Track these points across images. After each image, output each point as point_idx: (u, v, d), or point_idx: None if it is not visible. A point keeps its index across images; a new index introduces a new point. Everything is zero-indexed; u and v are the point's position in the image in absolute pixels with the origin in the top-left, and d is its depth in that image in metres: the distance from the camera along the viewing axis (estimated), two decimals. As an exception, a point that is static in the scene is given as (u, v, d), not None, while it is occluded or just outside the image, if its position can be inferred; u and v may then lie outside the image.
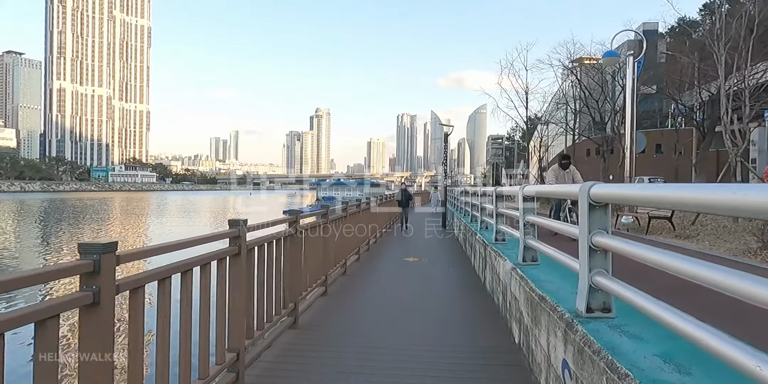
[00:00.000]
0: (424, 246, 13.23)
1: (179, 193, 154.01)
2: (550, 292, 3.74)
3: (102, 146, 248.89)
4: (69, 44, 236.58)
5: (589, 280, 2.89)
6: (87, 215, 44.71)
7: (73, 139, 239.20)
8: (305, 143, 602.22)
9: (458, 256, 11.25)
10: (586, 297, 2.95)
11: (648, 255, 2.20)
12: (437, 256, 11.31)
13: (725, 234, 11.62)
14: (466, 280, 8.25)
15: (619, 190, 2.65)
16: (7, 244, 23.73)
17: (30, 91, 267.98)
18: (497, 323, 5.40)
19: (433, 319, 5.65)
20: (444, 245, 13.51)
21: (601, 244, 2.77)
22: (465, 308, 6.38)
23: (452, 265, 9.78)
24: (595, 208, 2.84)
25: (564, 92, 43.49)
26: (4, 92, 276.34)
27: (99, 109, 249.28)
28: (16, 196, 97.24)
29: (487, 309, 6.11)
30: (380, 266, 9.70)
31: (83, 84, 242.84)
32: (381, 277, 8.67)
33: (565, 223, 4.69)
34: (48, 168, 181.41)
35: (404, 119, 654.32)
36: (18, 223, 36.71)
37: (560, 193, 4.91)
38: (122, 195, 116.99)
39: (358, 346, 4.69)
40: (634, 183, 15.31)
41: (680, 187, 1.92)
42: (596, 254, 2.88)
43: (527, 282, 4.23)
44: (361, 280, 8.17)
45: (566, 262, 3.52)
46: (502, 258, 5.78)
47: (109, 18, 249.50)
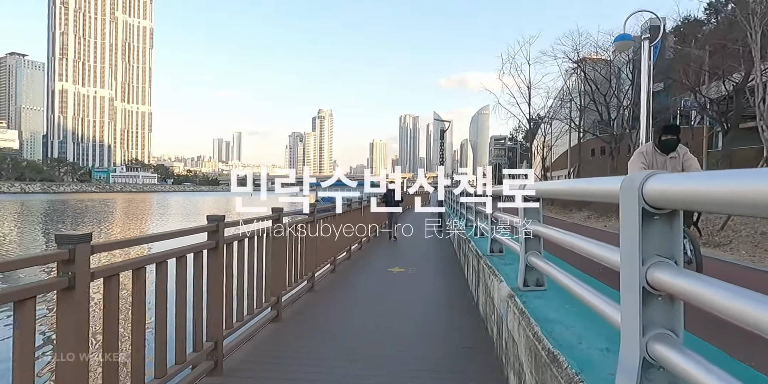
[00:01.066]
0: (415, 251, 12.09)
1: (180, 194, 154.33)
2: (565, 346, 2.47)
3: (104, 147, 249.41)
4: (71, 45, 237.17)
5: (643, 348, 1.61)
6: (84, 216, 44.95)
7: (75, 141, 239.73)
8: (308, 144, 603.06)
9: (452, 265, 9.94)
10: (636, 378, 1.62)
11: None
12: (428, 265, 10.08)
13: (766, 242, 9.90)
14: (455, 296, 6.98)
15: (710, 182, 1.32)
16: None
17: (33, 92, 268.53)
18: (488, 365, 4.13)
19: (406, 356, 4.41)
20: (438, 251, 12.13)
21: (661, 285, 1.56)
22: (450, 337, 5.04)
23: (443, 275, 8.82)
24: (654, 218, 1.63)
25: (568, 87, 41.97)
26: (7, 94, 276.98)
27: (101, 111, 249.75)
28: (14, 197, 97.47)
29: (478, 341, 4.83)
30: (357, 280, 8.42)
31: (85, 85, 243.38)
32: (355, 293, 7.41)
33: (591, 242, 2.46)
34: (50, 169, 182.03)
35: (407, 120, 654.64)
36: (10, 223, 36.96)
37: (585, 193, 2.67)
38: (122, 196, 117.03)
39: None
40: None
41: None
42: (654, 302, 1.63)
43: (530, 322, 2.99)
44: (328, 298, 6.93)
45: (598, 308, 2.22)
46: (497, 277, 4.58)
47: (111, 19, 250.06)
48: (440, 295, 7.23)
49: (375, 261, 10.54)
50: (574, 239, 2.67)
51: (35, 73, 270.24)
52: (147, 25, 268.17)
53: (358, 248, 11.61)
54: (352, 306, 6.55)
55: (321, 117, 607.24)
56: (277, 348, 4.59)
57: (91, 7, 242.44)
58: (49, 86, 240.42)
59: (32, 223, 36.35)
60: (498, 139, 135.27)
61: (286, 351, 4.49)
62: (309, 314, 5.84)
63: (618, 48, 16.05)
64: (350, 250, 10.50)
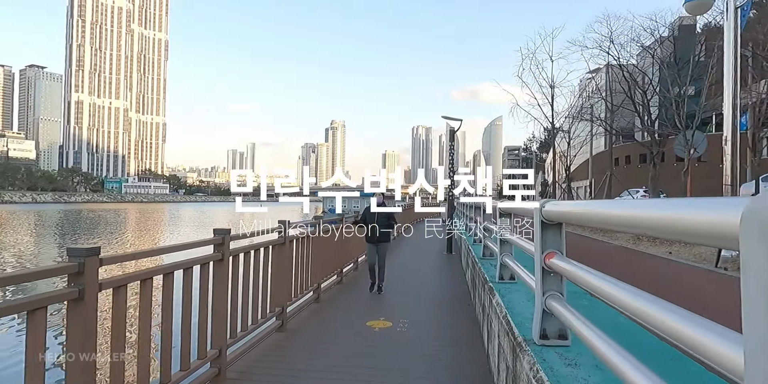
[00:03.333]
0: (412, 287, 8.63)
1: (191, 204, 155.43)
2: None
3: (118, 158, 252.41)
4: (87, 57, 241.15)
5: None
6: (97, 227, 45.50)
7: (90, 151, 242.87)
8: (320, 155, 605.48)
9: (464, 306, 7.02)
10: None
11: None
12: (429, 310, 6.86)
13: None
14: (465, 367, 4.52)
15: None
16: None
17: (51, 103, 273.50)
18: None
19: None
20: (444, 282, 9.14)
21: None
22: None
23: (448, 329, 5.89)
24: None
25: (596, 84, 37.42)
26: (26, 105, 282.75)
27: (116, 121, 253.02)
28: (26, 207, 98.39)
29: None
30: (315, 342, 5.30)
31: (101, 96, 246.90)
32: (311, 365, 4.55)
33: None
34: (63, 179, 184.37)
35: (419, 131, 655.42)
36: (22, 233, 37.52)
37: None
38: (133, 206, 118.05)
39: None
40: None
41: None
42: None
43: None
44: None
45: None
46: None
47: (128, 31, 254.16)
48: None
49: (354, 302, 7.44)
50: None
51: (53, 85, 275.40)
52: (162, 37, 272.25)
53: (337, 282, 8.73)
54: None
55: (334, 128, 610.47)
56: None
57: (108, 20, 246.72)
58: (65, 97, 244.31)
59: (44, 235, 36.88)
60: (512, 150, 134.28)
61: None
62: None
63: (691, 10, 13.43)
64: (319, 290, 7.35)
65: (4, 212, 70.60)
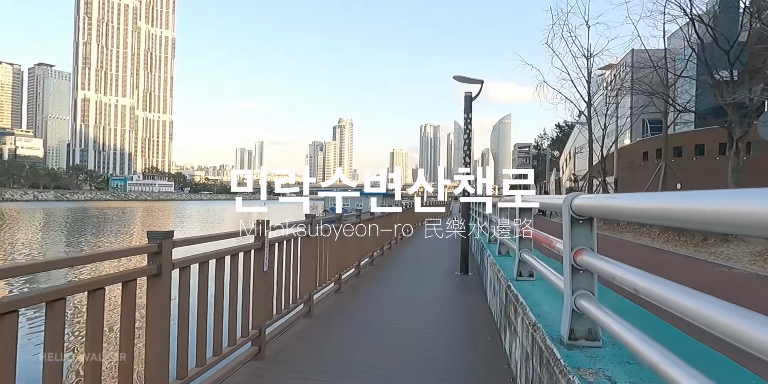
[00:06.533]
0: (412, 325, 5.73)
1: (196, 202, 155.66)
2: None
3: (125, 155, 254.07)
4: (94, 55, 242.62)
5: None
6: (85, 225, 46.10)
7: (96, 149, 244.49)
8: (328, 153, 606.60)
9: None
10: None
11: None
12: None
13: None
14: None
15: None
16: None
17: (59, 101, 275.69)
18: None
19: None
20: (460, 318, 6.24)
21: None
22: None
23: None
24: None
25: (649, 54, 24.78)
26: (35, 103, 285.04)
27: (122, 119, 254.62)
28: (26, 205, 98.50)
29: None
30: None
31: (107, 94, 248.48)
32: None
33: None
34: (68, 177, 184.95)
35: (427, 129, 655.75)
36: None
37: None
38: (137, 204, 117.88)
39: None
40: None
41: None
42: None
43: None
44: None
45: None
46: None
47: (134, 29, 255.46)
48: None
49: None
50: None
51: (62, 83, 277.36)
52: (169, 35, 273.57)
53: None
54: None
55: (341, 126, 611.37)
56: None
57: (114, 17, 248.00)
58: (72, 95, 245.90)
59: (50, 231, 37.43)
60: (522, 147, 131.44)
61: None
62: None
63: None
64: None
65: (12, 210, 71.11)
